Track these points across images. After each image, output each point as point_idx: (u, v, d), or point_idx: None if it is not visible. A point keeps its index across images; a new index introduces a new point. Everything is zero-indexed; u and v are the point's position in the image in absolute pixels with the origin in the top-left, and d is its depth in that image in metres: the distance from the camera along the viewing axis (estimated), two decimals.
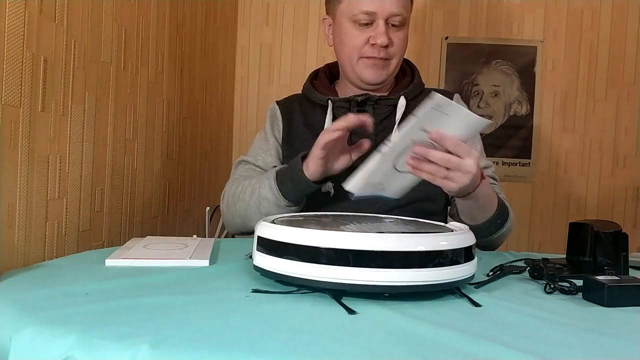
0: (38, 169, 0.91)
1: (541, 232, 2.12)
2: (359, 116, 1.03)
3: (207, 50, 1.79)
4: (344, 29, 1.20)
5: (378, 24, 1.15)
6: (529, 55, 2.08)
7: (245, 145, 2.16)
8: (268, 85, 2.16)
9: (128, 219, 1.25)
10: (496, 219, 1.05)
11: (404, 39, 1.20)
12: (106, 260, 0.84)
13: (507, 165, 2.09)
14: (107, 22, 1.11)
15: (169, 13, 1.44)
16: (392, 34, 1.17)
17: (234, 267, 0.85)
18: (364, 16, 1.16)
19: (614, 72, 2.07)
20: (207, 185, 1.86)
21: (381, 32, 1.15)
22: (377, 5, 1.15)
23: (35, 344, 0.53)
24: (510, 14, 2.08)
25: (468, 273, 0.72)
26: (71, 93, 0.99)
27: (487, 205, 1.04)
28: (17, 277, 0.75)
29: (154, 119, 1.38)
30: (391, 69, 1.21)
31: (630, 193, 2.10)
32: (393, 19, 1.16)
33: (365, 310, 0.63)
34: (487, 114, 2.08)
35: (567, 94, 2.09)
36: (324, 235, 0.68)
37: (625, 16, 2.07)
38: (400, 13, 1.16)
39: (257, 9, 2.14)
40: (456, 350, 0.52)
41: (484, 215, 1.04)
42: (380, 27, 1.15)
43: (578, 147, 2.10)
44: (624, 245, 0.88)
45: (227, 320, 0.58)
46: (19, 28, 0.84)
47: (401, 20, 1.17)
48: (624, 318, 0.65)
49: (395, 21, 1.16)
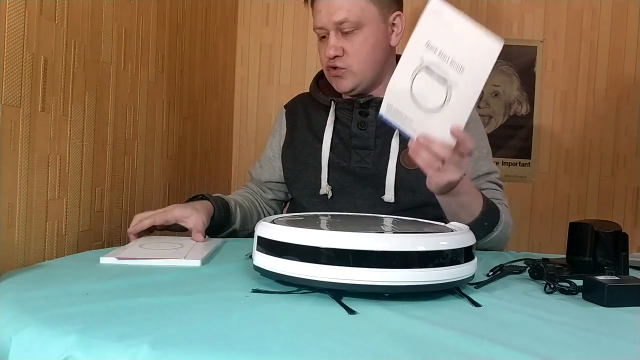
0: (38, 169, 0.91)
1: (541, 232, 2.12)
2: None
3: (207, 50, 1.79)
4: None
5: (330, 35, 1.16)
6: (529, 55, 2.07)
7: (245, 145, 2.17)
8: (268, 85, 2.16)
9: (128, 219, 1.25)
10: (482, 221, 1.04)
11: (362, 44, 1.15)
12: (101, 258, 0.85)
13: (507, 165, 2.09)
14: (107, 22, 1.11)
15: (169, 13, 1.44)
16: (345, 42, 1.15)
17: (234, 267, 0.85)
18: (319, 31, 1.18)
19: (614, 72, 2.07)
20: (207, 185, 1.86)
21: (329, 44, 1.15)
22: (323, 19, 1.15)
23: (35, 344, 0.53)
24: (510, 14, 2.08)
25: (468, 273, 0.72)
26: (71, 93, 0.99)
27: (469, 203, 1.03)
28: (17, 277, 0.75)
29: (154, 119, 1.38)
30: (357, 77, 1.18)
31: (630, 193, 2.10)
32: (342, 27, 1.14)
33: (365, 310, 0.63)
34: (487, 114, 2.08)
35: (567, 94, 2.09)
36: (324, 235, 0.68)
37: (625, 16, 2.07)
38: (345, 19, 1.13)
39: (257, 9, 2.14)
40: (456, 350, 0.52)
41: (468, 213, 1.03)
42: (329, 38, 1.15)
43: (578, 147, 2.10)
44: (624, 245, 0.88)
45: (227, 320, 0.58)
46: (19, 28, 0.84)
47: (351, 26, 1.13)
48: (624, 318, 0.65)
49: (345, 28, 1.14)
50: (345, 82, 1.19)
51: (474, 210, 1.03)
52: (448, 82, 0.85)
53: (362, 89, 1.21)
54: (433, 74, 0.85)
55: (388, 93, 0.89)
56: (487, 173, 1.21)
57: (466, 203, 1.03)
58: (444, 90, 0.86)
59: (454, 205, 1.02)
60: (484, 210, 1.04)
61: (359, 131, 1.20)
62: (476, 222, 1.02)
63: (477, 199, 1.05)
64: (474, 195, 1.04)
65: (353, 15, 1.13)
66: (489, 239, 1.09)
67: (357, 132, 1.20)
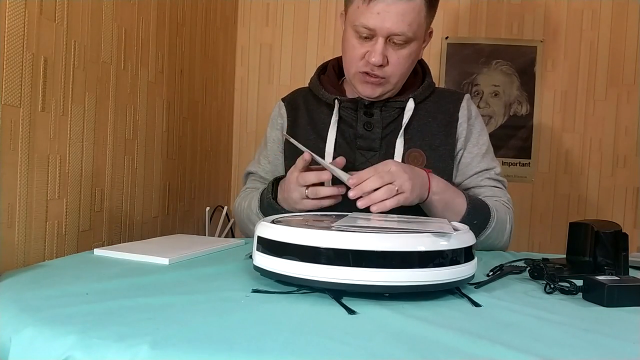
0: (38, 169, 0.91)
1: (541, 232, 2.12)
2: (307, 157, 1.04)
3: (207, 50, 1.79)
4: (347, 36, 1.14)
5: (377, 40, 1.08)
6: (529, 55, 2.07)
7: (245, 145, 2.16)
8: (268, 85, 2.16)
9: (128, 219, 1.25)
10: (470, 219, 1.04)
11: (407, 57, 1.12)
12: (95, 250, 0.94)
13: (507, 165, 2.09)
14: (107, 22, 1.11)
15: (169, 13, 1.44)
16: (391, 52, 1.10)
17: (234, 267, 0.85)
18: (364, 30, 1.08)
19: (614, 72, 2.07)
20: (207, 185, 1.86)
21: (377, 51, 1.08)
22: (378, 23, 1.06)
23: (35, 344, 0.53)
24: (510, 14, 2.08)
25: (468, 273, 0.72)
26: (71, 93, 0.99)
27: (452, 200, 1.05)
28: (17, 277, 0.75)
29: (154, 119, 1.38)
30: (388, 87, 1.15)
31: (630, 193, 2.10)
32: (395, 38, 1.08)
33: (365, 310, 0.63)
34: (487, 114, 2.08)
35: (567, 94, 2.09)
36: (324, 235, 0.68)
37: (625, 16, 2.06)
38: (403, 33, 1.07)
39: (257, 9, 2.14)
40: (456, 350, 0.52)
41: (455, 213, 1.04)
42: (378, 44, 1.08)
43: (578, 147, 2.10)
44: (624, 245, 0.88)
45: (227, 320, 0.58)
46: (19, 28, 0.84)
47: (404, 39, 1.08)
48: (624, 318, 0.65)
49: (398, 40, 1.08)
50: (378, 89, 1.14)
51: (458, 208, 1.05)
52: None
53: (385, 96, 1.19)
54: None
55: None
56: (486, 169, 1.20)
57: (449, 199, 1.05)
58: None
59: (440, 205, 1.04)
60: (469, 209, 1.05)
61: (365, 132, 1.18)
62: (464, 221, 1.02)
63: (459, 196, 1.06)
64: (453, 192, 1.06)
65: (411, 29, 1.08)
66: (485, 236, 1.08)
67: (364, 132, 1.18)
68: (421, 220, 0.88)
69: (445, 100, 1.23)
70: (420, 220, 0.88)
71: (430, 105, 1.22)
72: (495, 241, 1.12)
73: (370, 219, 0.85)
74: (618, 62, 2.06)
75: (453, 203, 1.05)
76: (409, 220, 0.87)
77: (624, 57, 2.06)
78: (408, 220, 0.87)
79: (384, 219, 0.88)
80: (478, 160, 1.20)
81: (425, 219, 0.90)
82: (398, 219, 0.89)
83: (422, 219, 0.89)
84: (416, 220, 0.88)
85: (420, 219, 0.89)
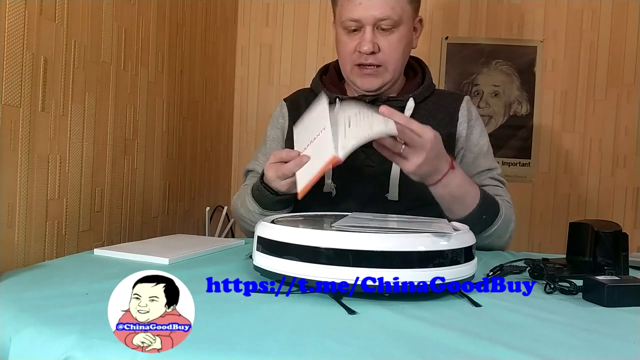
0: (38, 169, 0.91)
1: (541, 232, 2.12)
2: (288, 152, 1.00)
3: (207, 50, 1.79)
4: (338, 36, 1.18)
5: (365, 30, 1.11)
6: (529, 55, 2.07)
7: (245, 145, 2.16)
8: (268, 85, 2.16)
9: (128, 219, 1.25)
10: (480, 214, 1.03)
11: (398, 42, 1.14)
12: (95, 250, 0.93)
13: (507, 165, 2.09)
14: (107, 22, 1.11)
15: (169, 13, 1.44)
16: (381, 39, 1.12)
17: (234, 267, 0.85)
18: (351, 23, 1.12)
19: (614, 72, 2.07)
20: (207, 185, 1.86)
21: (366, 39, 1.11)
22: (361, 12, 1.10)
23: (35, 344, 0.53)
24: (510, 14, 2.08)
25: (468, 273, 0.72)
26: (71, 93, 0.99)
27: (463, 196, 1.02)
28: (17, 277, 0.75)
29: (154, 119, 1.38)
30: (387, 76, 1.16)
31: (630, 193, 2.09)
32: (381, 24, 1.11)
33: (365, 310, 0.63)
34: (487, 114, 2.08)
35: (567, 94, 2.09)
36: (324, 235, 0.68)
37: (625, 16, 2.06)
38: (388, 16, 1.10)
39: (257, 9, 2.14)
40: (456, 350, 0.52)
41: (463, 206, 1.03)
42: (366, 33, 1.11)
43: (578, 147, 2.10)
44: (624, 245, 0.88)
45: (227, 320, 0.58)
46: (19, 28, 0.84)
47: (391, 23, 1.11)
48: (624, 318, 0.65)
49: (384, 25, 1.11)
50: (376, 80, 1.16)
51: (469, 203, 1.03)
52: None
53: (385, 89, 1.19)
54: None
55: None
56: (487, 169, 1.21)
57: (459, 195, 1.02)
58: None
59: (448, 198, 1.02)
60: (481, 203, 1.04)
61: None
62: (474, 215, 1.02)
63: (473, 192, 1.04)
64: (468, 188, 1.04)
65: (396, 13, 1.11)
66: (489, 232, 1.08)
67: None
68: (421, 220, 0.88)
69: (445, 101, 1.24)
70: (421, 220, 0.88)
71: (430, 105, 1.22)
72: (498, 238, 1.12)
73: (370, 219, 0.85)
74: (618, 62, 2.06)
75: (464, 197, 1.04)
76: (409, 220, 0.87)
77: (624, 57, 2.06)
78: (408, 220, 0.87)
79: (384, 219, 0.88)
80: (480, 160, 1.21)
81: (426, 219, 0.90)
82: (398, 219, 0.89)
83: (422, 219, 0.89)
84: (416, 220, 0.88)
85: (421, 219, 0.89)
